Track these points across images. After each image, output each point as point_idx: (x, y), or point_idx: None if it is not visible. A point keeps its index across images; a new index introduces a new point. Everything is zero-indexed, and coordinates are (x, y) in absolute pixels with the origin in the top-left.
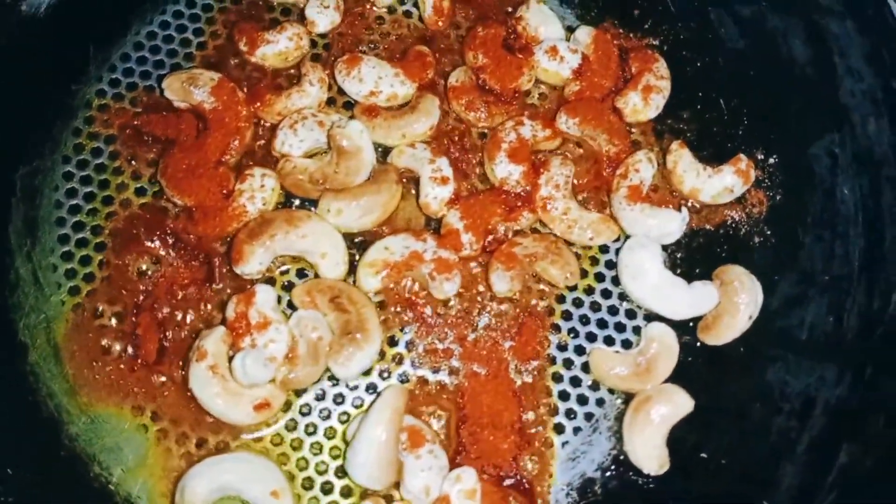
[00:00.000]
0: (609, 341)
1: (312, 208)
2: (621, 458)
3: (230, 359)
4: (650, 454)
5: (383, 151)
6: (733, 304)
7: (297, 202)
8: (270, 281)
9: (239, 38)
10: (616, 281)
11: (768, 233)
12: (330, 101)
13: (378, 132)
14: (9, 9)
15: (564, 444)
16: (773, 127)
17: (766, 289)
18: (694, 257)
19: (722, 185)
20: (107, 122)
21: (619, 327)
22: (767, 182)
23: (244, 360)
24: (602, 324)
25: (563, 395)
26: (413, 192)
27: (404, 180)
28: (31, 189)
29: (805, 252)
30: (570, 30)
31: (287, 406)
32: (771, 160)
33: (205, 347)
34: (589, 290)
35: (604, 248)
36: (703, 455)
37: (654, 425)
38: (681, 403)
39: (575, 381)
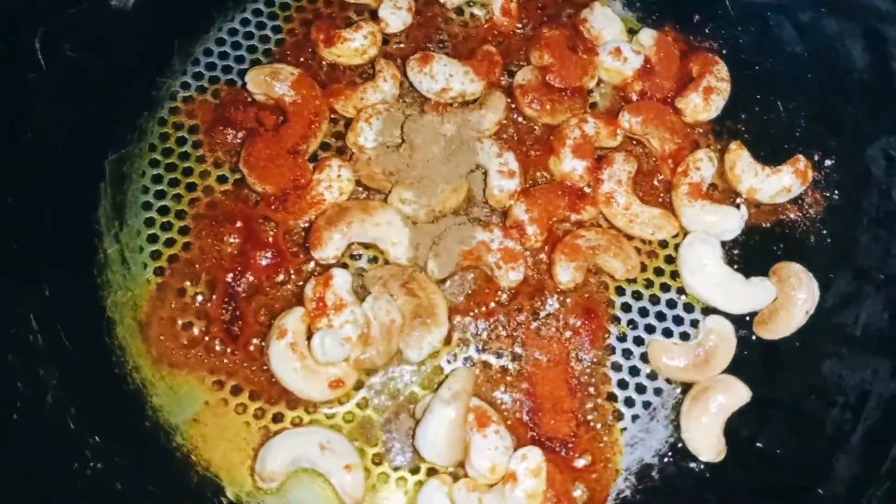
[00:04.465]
0: (667, 333)
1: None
2: (679, 445)
3: (308, 338)
4: (707, 442)
5: None
6: (790, 299)
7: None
8: (343, 266)
9: (317, 34)
10: (674, 275)
11: (824, 232)
12: (400, 97)
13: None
14: (100, 3)
15: (623, 430)
16: (829, 129)
17: (821, 286)
18: (750, 254)
19: (780, 185)
20: (191, 112)
21: (677, 320)
22: (824, 183)
23: (323, 339)
24: (660, 316)
25: (622, 384)
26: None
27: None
28: (119, 175)
29: (861, 251)
30: (632, 32)
31: (359, 385)
32: (828, 161)
33: (285, 326)
34: (648, 284)
35: (662, 244)
36: (759, 445)
37: (712, 414)
38: (738, 393)
39: (633, 371)
